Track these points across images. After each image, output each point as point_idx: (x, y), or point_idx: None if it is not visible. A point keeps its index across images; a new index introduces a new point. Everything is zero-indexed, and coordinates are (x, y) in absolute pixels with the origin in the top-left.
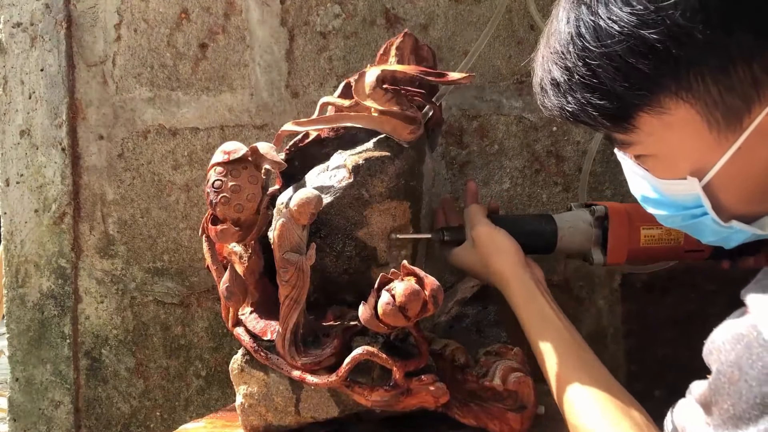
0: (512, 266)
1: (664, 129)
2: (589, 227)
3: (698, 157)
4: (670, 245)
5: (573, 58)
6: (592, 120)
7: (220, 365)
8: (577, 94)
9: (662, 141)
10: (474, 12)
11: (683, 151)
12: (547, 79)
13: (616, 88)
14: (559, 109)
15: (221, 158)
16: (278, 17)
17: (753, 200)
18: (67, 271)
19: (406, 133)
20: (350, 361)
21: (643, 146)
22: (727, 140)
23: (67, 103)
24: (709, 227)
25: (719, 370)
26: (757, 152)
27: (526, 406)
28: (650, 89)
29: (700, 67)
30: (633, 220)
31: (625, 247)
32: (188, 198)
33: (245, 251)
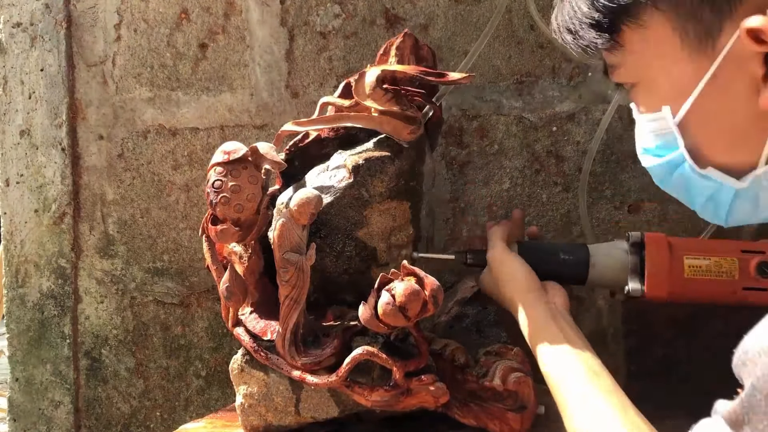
0: (522, 293)
1: (643, 46)
2: (625, 254)
3: (675, 84)
4: (722, 279)
5: None
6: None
7: (220, 365)
8: (573, 5)
9: (642, 62)
10: (474, 12)
11: (661, 76)
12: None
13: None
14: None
15: (221, 158)
16: (278, 17)
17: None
18: (67, 271)
19: (406, 133)
20: (350, 361)
21: (627, 69)
22: (701, 67)
23: (67, 103)
24: (690, 180)
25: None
26: (733, 85)
27: (526, 406)
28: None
29: None
30: (675, 249)
31: (664, 278)
32: (188, 198)
33: (245, 251)
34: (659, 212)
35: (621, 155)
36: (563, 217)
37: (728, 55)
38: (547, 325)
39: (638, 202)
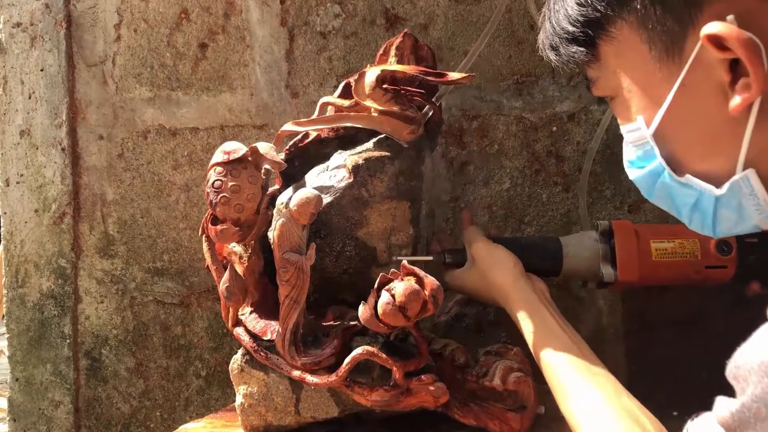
0: (512, 279)
1: (617, 60)
2: (595, 243)
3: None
4: (686, 259)
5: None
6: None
7: (220, 365)
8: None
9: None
10: (474, 12)
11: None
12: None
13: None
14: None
15: (221, 158)
16: (278, 17)
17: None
18: (67, 271)
19: (405, 133)
20: (350, 361)
21: (605, 82)
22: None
23: (67, 103)
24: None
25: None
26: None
27: (526, 406)
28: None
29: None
30: (641, 234)
31: (635, 262)
32: (188, 198)
33: (245, 251)
34: (659, 212)
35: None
36: (563, 217)
37: (694, 62)
38: (538, 309)
39: (638, 202)
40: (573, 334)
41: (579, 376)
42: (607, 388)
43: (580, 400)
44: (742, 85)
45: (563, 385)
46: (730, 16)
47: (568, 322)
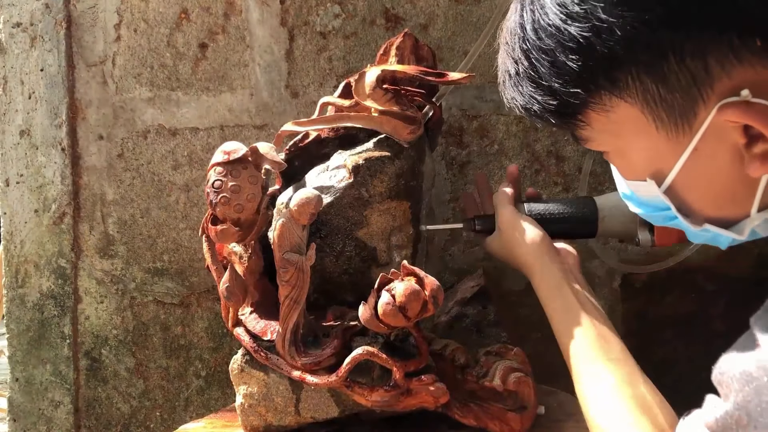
0: (536, 256)
1: (613, 126)
2: None
3: (654, 158)
4: None
5: (518, 51)
6: (541, 116)
7: (220, 365)
8: (524, 88)
9: (615, 139)
10: (474, 12)
11: (638, 152)
12: (503, 69)
13: (553, 84)
14: (513, 101)
15: (221, 158)
16: (278, 17)
17: (723, 204)
18: (67, 271)
19: (406, 133)
20: (350, 361)
21: (599, 143)
22: (680, 142)
23: (67, 103)
24: (688, 229)
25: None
26: (716, 153)
27: (526, 406)
28: (584, 87)
29: (630, 65)
30: None
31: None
32: (188, 198)
33: (245, 251)
34: None
35: None
36: None
37: (706, 131)
38: (560, 288)
39: None
40: (596, 315)
41: (594, 362)
42: (620, 375)
43: (592, 387)
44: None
45: (578, 369)
46: (744, 90)
47: (593, 295)
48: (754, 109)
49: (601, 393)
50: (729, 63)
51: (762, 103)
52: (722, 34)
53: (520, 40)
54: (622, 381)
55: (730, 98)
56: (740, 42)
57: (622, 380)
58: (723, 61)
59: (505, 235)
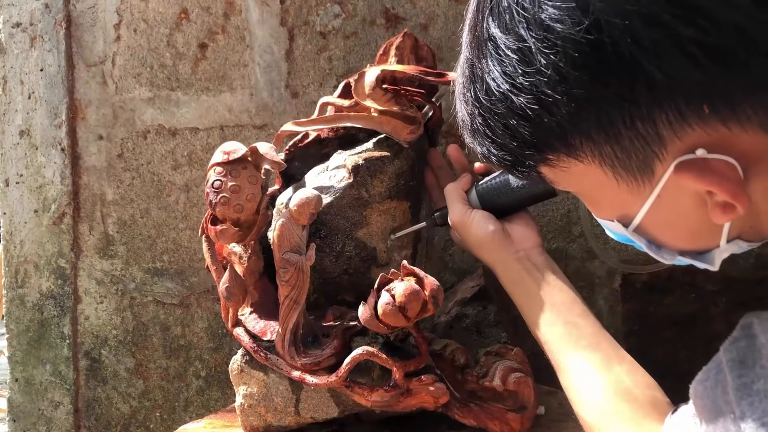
0: (491, 253)
1: (574, 180)
2: None
3: (618, 206)
4: None
5: (470, 104)
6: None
7: (220, 365)
8: (480, 140)
9: (577, 187)
10: None
11: (602, 199)
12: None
13: (507, 143)
14: (471, 146)
15: (221, 158)
16: (278, 17)
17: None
18: (67, 272)
19: (405, 133)
20: (350, 361)
21: (564, 186)
22: (642, 192)
23: (67, 103)
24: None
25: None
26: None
27: (526, 406)
28: (538, 149)
29: (580, 132)
30: None
31: None
32: (188, 198)
33: (245, 251)
34: None
35: None
36: (563, 217)
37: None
38: (521, 280)
39: None
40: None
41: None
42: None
43: (569, 379)
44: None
45: (555, 362)
46: (700, 150)
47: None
48: (710, 167)
49: (578, 384)
50: (679, 127)
51: (719, 158)
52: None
53: (472, 95)
54: (596, 368)
55: (686, 156)
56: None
57: (595, 367)
58: (673, 125)
59: (461, 236)
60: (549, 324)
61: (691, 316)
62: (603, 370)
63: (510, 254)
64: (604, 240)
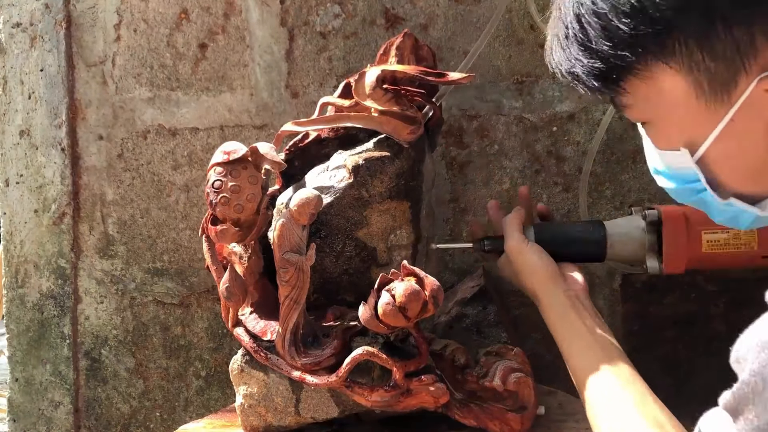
0: (541, 284)
1: (654, 94)
2: (643, 233)
3: (690, 127)
4: (741, 251)
5: (570, 15)
6: (585, 80)
7: (220, 365)
8: (572, 52)
9: (655, 107)
10: (474, 12)
11: (675, 121)
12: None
13: (602, 47)
14: (559, 66)
15: (221, 158)
16: (278, 17)
17: (752, 178)
18: (67, 272)
19: (406, 133)
20: (350, 361)
21: (639, 111)
22: (717, 112)
23: (67, 103)
24: (713, 204)
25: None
26: (752, 126)
27: (526, 406)
28: (633, 51)
29: (680, 31)
30: (692, 225)
31: (683, 254)
32: (188, 198)
33: (245, 251)
34: None
35: (621, 155)
36: (563, 218)
37: (745, 102)
38: (566, 315)
39: (639, 202)
40: (603, 337)
41: (606, 385)
42: (633, 395)
43: (606, 409)
44: None
45: (590, 392)
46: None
47: (602, 323)
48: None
49: (616, 414)
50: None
51: None
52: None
53: (574, 4)
54: (636, 401)
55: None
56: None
57: (635, 400)
58: None
59: (514, 263)
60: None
61: (691, 316)
62: (642, 404)
63: (560, 288)
64: None
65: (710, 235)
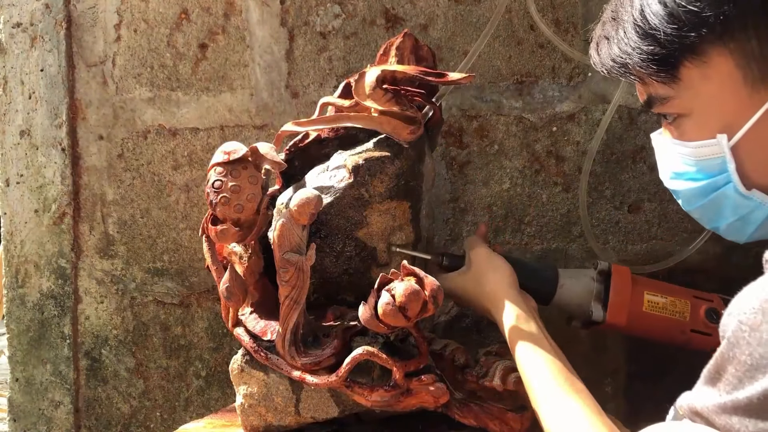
0: (506, 287)
1: (702, 82)
2: (591, 281)
3: (730, 114)
4: (674, 318)
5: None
6: (641, 67)
7: (220, 365)
8: (630, 41)
9: (699, 96)
10: (474, 12)
11: (717, 108)
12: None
13: (666, 30)
14: (609, 60)
15: (221, 158)
16: (278, 17)
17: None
18: (67, 272)
19: (406, 133)
20: (350, 361)
21: (681, 101)
22: (760, 98)
23: (67, 103)
24: (730, 200)
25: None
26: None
27: (525, 406)
28: (697, 31)
29: (743, 12)
30: (637, 283)
31: (625, 308)
32: (188, 198)
33: (245, 251)
34: (659, 212)
35: (621, 155)
36: (563, 217)
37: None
38: (527, 322)
39: (638, 202)
40: (558, 351)
41: (562, 389)
42: (588, 404)
43: (562, 412)
44: None
45: (546, 396)
46: None
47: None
48: None
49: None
50: None
51: None
52: None
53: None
54: (590, 409)
55: None
56: None
57: (589, 409)
58: None
59: (478, 267)
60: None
61: None
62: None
63: (520, 297)
64: (604, 240)
65: (652, 296)
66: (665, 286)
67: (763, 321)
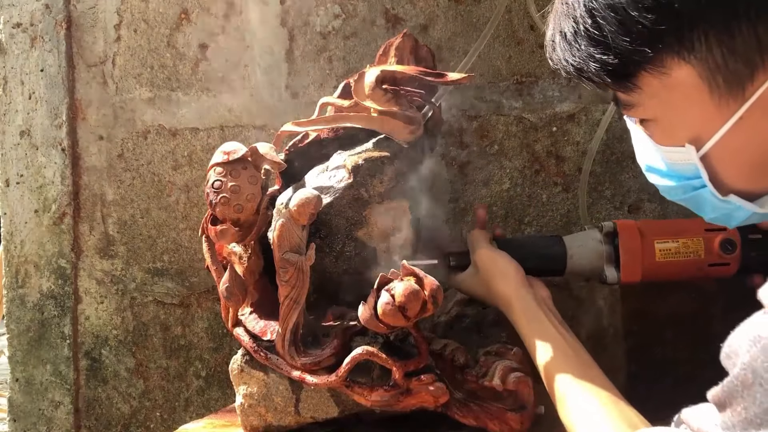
0: (514, 288)
1: (665, 91)
2: (600, 244)
3: (698, 124)
4: (690, 258)
5: (580, 10)
6: (595, 75)
7: (220, 365)
8: (581, 47)
9: (663, 104)
10: (474, 12)
11: (683, 117)
12: (557, 30)
13: (619, 42)
14: (565, 62)
15: (221, 158)
16: (278, 17)
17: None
18: (67, 272)
19: (405, 134)
20: (350, 361)
21: (645, 109)
22: (728, 109)
23: (67, 103)
24: (708, 201)
25: (733, 374)
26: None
27: (525, 406)
28: (652, 46)
29: (703, 26)
30: (645, 234)
31: (639, 263)
32: (188, 198)
33: (245, 251)
34: (659, 212)
35: (621, 155)
36: (563, 217)
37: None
38: (539, 318)
39: (638, 202)
40: (573, 341)
41: (576, 383)
42: (603, 395)
43: (577, 407)
44: None
45: (561, 391)
46: None
47: (568, 329)
48: None
49: (587, 414)
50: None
51: None
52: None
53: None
54: (606, 401)
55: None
56: None
57: (605, 401)
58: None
59: (484, 271)
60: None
61: (691, 316)
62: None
63: (530, 294)
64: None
65: (662, 244)
66: (675, 226)
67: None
